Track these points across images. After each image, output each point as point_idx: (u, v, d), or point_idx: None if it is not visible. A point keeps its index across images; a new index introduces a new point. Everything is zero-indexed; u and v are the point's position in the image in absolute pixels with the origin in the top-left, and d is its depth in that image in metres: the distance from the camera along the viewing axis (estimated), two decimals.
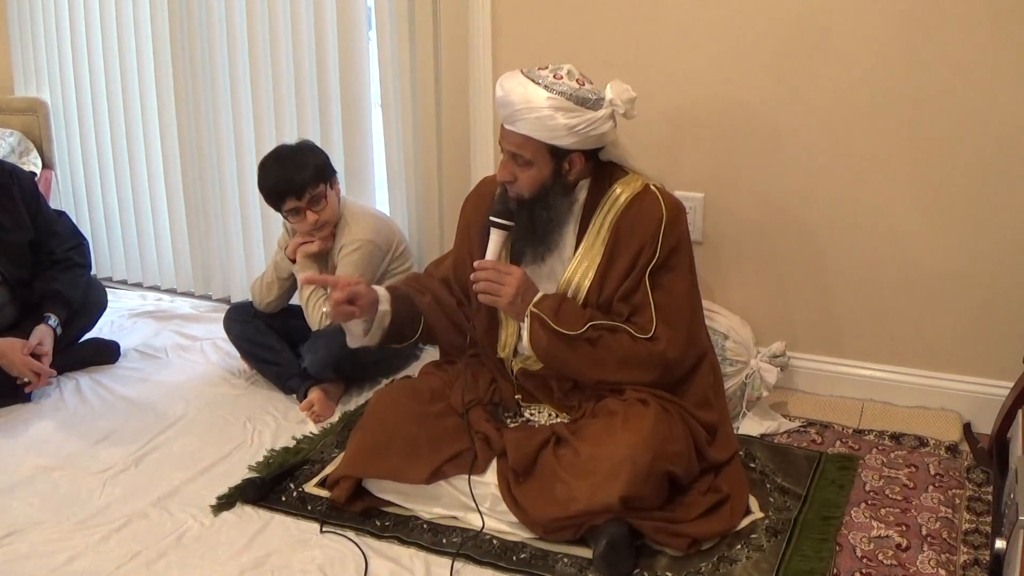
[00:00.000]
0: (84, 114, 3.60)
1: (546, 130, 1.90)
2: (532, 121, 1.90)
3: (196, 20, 3.16)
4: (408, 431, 2.00)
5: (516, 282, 1.96)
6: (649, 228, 1.97)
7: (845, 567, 1.84)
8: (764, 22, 2.37)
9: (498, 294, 1.97)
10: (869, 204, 2.41)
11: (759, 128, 2.46)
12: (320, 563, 1.89)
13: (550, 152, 1.94)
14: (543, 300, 1.98)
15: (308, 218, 2.58)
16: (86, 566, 1.89)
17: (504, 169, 1.99)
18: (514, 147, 1.95)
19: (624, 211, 2.00)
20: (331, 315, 2.06)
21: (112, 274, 3.76)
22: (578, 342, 1.95)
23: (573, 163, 1.98)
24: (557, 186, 1.98)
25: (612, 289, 2.00)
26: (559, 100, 1.88)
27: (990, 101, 2.22)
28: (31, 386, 2.58)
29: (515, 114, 1.91)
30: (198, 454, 2.34)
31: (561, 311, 1.97)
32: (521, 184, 1.98)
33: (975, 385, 2.43)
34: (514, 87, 1.92)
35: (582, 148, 1.96)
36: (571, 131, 1.90)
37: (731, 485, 1.99)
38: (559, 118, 1.88)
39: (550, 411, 2.13)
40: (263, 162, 2.62)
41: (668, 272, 2.00)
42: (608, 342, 1.96)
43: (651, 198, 2.01)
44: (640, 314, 1.98)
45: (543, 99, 1.88)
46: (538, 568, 1.85)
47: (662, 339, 1.96)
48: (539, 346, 1.98)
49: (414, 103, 2.87)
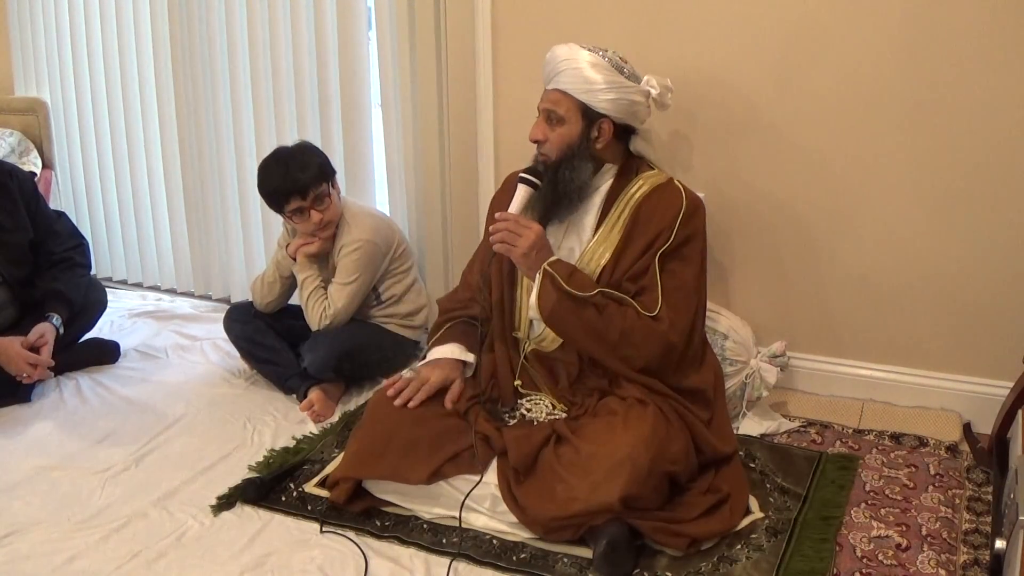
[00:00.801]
0: (84, 114, 3.60)
1: (583, 83, 2.01)
2: (571, 73, 2.01)
3: (196, 20, 3.16)
4: (407, 431, 2.00)
5: (534, 236, 1.99)
6: (668, 215, 2.04)
7: (845, 567, 1.84)
8: (766, 22, 2.37)
9: (514, 244, 2.00)
10: (870, 204, 2.41)
11: (759, 128, 2.46)
12: (320, 563, 1.89)
13: (582, 112, 2.03)
14: (558, 261, 2.02)
15: (313, 217, 2.58)
16: (86, 566, 1.89)
17: (537, 128, 2.08)
18: (550, 103, 2.05)
19: (645, 198, 2.07)
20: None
21: (112, 274, 3.76)
22: (585, 306, 1.98)
23: (602, 130, 2.05)
24: (584, 150, 2.05)
25: (624, 270, 2.04)
26: (599, 59, 2.03)
27: (991, 102, 2.22)
28: (28, 378, 2.56)
29: (556, 68, 2.03)
30: (198, 454, 2.34)
31: (574, 276, 2.00)
32: (551, 144, 2.05)
33: (975, 385, 2.43)
34: (561, 50, 2.06)
35: (614, 115, 2.03)
36: (605, 87, 2.00)
37: (731, 485, 1.99)
38: (595, 72, 2.00)
39: (549, 403, 2.13)
40: (264, 164, 2.61)
41: (679, 260, 2.03)
42: (613, 312, 1.98)
43: (673, 189, 2.09)
44: (647, 294, 2.01)
45: (586, 56, 2.02)
46: (538, 568, 1.85)
47: (665, 320, 1.99)
48: (547, 304, 1.99)
49: (414, 103, 2.87)
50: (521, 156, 2.26)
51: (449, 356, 2.16)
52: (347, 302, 2.61)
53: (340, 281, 2.63)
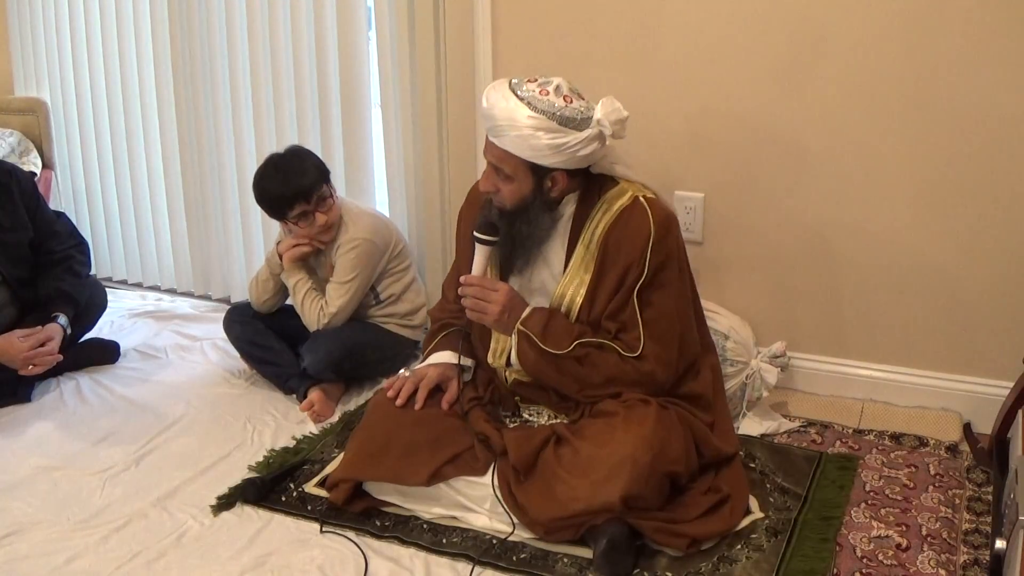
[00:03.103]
0: (84, 114, 3.60)
1: (528, 148, 1.87)
2: (513, 138, 1.86)
3: (196, 20, 3.16)
4: (407, 433, 2.00)
5: (503, 299, 1.96)
6: (636, 246, 1.93)
7: (845, 567, 1.84)
8: (765, 23, 2.37)
9: (484, 312, 1.97)
10: (870, 204, 2.41)
11: (759, 128, 2.46)
12: (320, 563, 1.89)
13: (531, 169, 1.91)
14: (531, 316, 1.97)
15: (318, 220, 2.58)
16: (86, 566, 1.89)
17: (486, 180, 1.98)
18: (496, 160, 1.93)
19: (612, 226, 1.96)
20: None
21: (112, 274, 3.76)
22: (565, 360, 1.95)
23: (556, 181, 1.95)
24: (538, 203, 1.96)
25: (601, 307, 1.98)
26: (541, 120, 1.84)
27: (992, 102, 2.22)
28: (32, 370, 2.55)
29: (497, 128, 1.88)
30: (198, 454, 2.34)
31: (549, 328, 1.96)
32: (504, 196, 1.96)
33: (975, 385, 2.43)
34: (497, 101, 1.88)
35: (566, 167, 1.93)
36: (554, 151, 1.86)
37: (731, 485, 1.99)
38: (541, 138, 1.84)
39: (549, 412, 2.12)
40: (262, 174, 2.58)
41: (657, 290, 1.96)
42: (595, 360, 1.96)
43: (639, 213, 1.95)
44: (628, 332, 1.96)
45: (524, 117, 1.84)
46: (538, 568, 1.85)
47: (650, 358, 1.95)
48: (527, 363, 2.00)
49: (414, 103, 2.87)
50: None
51: (446, 361, 2.15)
52: (345, 301, 2.61)
53: (338, 280, 2.62)
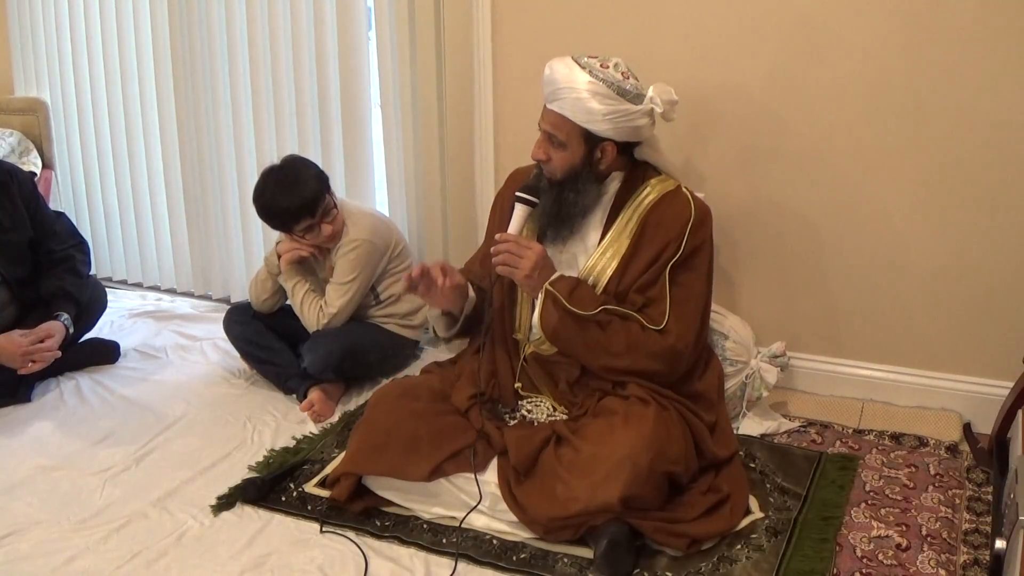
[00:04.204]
0: (84, 114, 3.60)
1: (584, 112, 1.94)
2: (570, 101, 1.95)
3: (196, 20, 3.16)
4: (408, 428, 2.00)
5: (535, 256, 1.98)
6: (676, 225, 2.01)
7: (845, 567, 1.84)
8: (765, 23, 2.37)
9: (516, 266, 1.99)
10: (870, 204, 2.41)
11: (759, 129, 2.46)
12: (320, 563, 1.89)
13: (584, 137, 1.98)
14: (560, 280, 2.01)
15: (323, 231, 2.58)
16: (86, 566, 1.89)
17: (539, 148, 2.03)
18: (550, 127, 2.00)
19: (654, 207, 2.05)
20: (408, 287, 2.06)
21: (112, 274, 3.76)
22: (588, 324, 1.97)
23: (605, 152, 2.01)
24: (587, 172, 2.02)
25: (631, 279, 2.03)
26: (599, 86, 1.94)
27: (993, 102, 2.22)
28: (31, 367, 2.55)
29: (556, 92, 1.97)
30: (198, 454, 2.34)
31: (576, 292, 1.99)
32: (554, 165, 2.02)
33: (975, 385, 2.43)
34: (559, 67, 1.98)
35: (616, 138, 2.00)
36: (606, 117, 1.94)
37: (731, 485, 2.00)
38: (596, 102, 1.94)
39: (549, 404, 2.13)
40: (262, 190, 2.56)
41: (688, 271, 2.02)
42: (617, 328, 1.98)
43: (682, 198, 2.06)
44: (654, 306, 2.00)
45: (584, 81, 1.94)
46: (538, 568, 1.85)
47: (672, 332, 1.98)
48: (549, 323, 2.00)
49: (414, 103, 2.87)
50: (520, 155, 2.26)
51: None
52: (345, 302, 2.61)
53: (338, 280, 2.63)
